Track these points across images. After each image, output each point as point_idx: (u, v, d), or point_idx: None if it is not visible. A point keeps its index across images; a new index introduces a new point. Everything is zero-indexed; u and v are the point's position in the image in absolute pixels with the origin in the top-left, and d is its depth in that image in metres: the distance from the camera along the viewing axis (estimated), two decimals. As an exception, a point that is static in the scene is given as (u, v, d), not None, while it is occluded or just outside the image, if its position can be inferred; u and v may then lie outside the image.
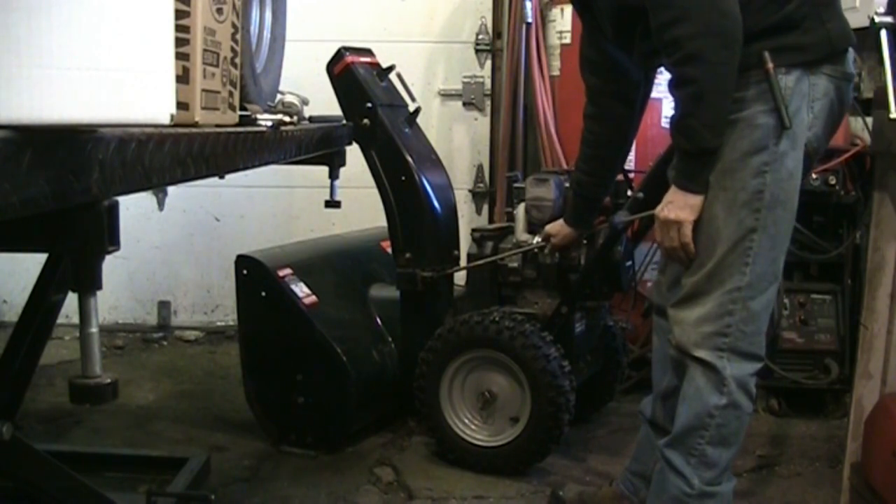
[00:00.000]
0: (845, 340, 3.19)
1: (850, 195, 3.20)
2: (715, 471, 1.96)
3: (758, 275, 1.90)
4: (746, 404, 1.95)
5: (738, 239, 1.88)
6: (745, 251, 1.89)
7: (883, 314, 2.23)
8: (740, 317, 1.91)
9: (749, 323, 1.92)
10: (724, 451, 1.96)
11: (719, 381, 1.92)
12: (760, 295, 1.92)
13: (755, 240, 1.88)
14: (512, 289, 2.86)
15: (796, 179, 1.91)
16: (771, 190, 1.87)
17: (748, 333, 1.92)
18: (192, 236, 4.31)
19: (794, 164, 1.89)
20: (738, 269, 1.89)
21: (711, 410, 1.93)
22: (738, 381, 1.93)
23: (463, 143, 4.27)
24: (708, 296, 1.92)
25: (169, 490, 2.24)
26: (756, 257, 1.89)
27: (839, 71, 1.93)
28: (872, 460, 2.23)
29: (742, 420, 1.96)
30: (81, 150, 1.09)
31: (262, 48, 2.40)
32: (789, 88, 1.85)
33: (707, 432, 1.95)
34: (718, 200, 1.89)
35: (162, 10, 1.19)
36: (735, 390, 1.92)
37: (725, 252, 1.89)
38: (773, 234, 1.90)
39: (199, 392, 3.47)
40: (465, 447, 2.72)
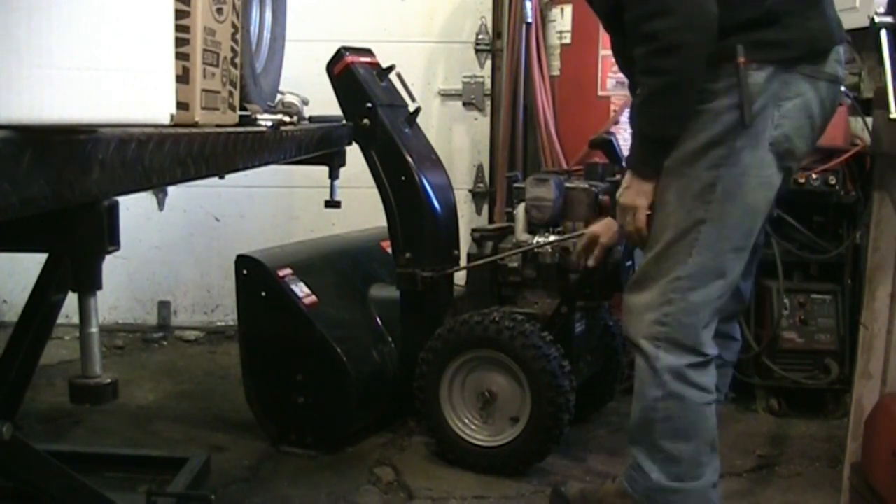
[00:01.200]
0: (845, 340, 3.19)
1: (850, 195, 3.20)
2: (679, 466, 1.92)
3: (700, 266, 1.89)
4: (693, 395, 1.91)
5: (685, 228, 1.89)
6: (692, 241, 1.89)
7: (883, 314, 2.23)
8: (679, 307, 1.90)
9: (688, 314, 1.90)
10: (682, 445, 1.92)
11: (654, 372, 1.91)
12: (702, 287, 1.90)
13: (702, 231, 1.88)
14: (512, 289, 2.86)
15: (754, 177, 1.88)
16: (724, 184, 1.86)
17: (686, 325, 1.91)
18: (192, 236, 4.31)
19: (752, 161, 1.87)
20: (682, 259, 1.89)
21: (652, 403, 1.92)
22: (674, 371, 1.89)
23: (463, 143, 4.27)
24: (654, 282, 1.92)
25: (169, 490, 2.24)
26: (701, 249, 1.89)
27: (820, 72, 1.90)
28: (872, 460, 2.23)
29: (693, 412, 1.91)
30: (81, 150, 1.09)
31: (262, 48, 2.40)
32: (758, 85, 1.84)
33: (656, 426, 1.92)
34: (673, 188, 1.90)
35: (162, 10, 1.19)
36: (670, 381, 1.89)
37: (672, 239, 1.90)
38: (721, 228, 1.89)
39: (199, 392, 3.47)
40: (465, 447, 2.72)
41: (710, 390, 1.94)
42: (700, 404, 1.92)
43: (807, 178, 3.16)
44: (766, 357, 3.22)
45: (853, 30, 3.22)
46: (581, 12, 3.38)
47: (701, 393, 1.92)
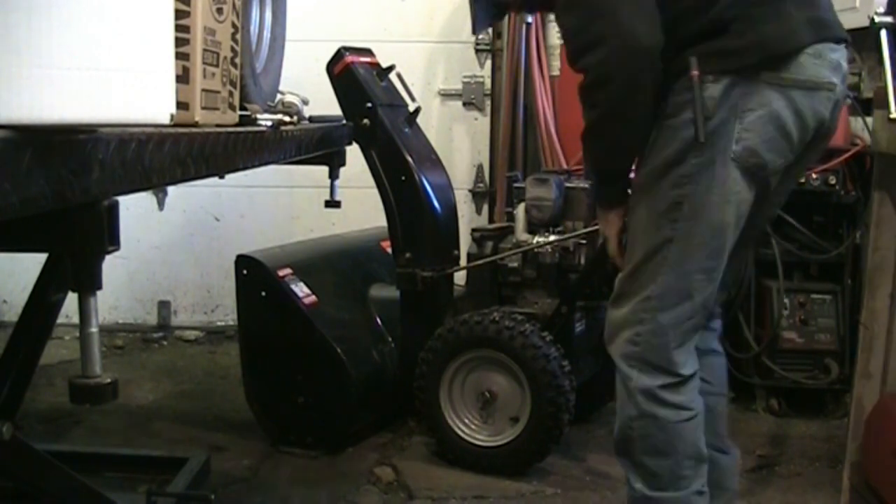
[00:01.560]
0: (845, 340, 3.19)
1: (850, 195, 3.21)
2: (661, 479, 1.89)
3: (667, 287, 1.82)
4: (667, 414, 1.86)
5: (654, 246, 1.82)
6: (661, 260, 1.82)
7: (883, 314, 2.23)
8: (649, 327, 1.84)
9: (657, 335, 1.85)
10: (661, 460, 1.88)
11: (628, 392, 1.88)
12: (670, 309, 1.83)
13: (670, 250, 1.81)
14: (512, 289, 2.86)
15: (719, 194, 1.77)
16: (689, 202, 1.78)
17: (656, 346, 1.85)
18: (192, 236, 4.31)
19: (715, 178, 1.76)
20: (651, 278, 1.83)
21: (629, 422, 1.89)
22: (646, 392, 1.85)
23: (463, 143, 4.27)
24: (628, 300, 1.88)
25: (169, 490, 2.24)
26: (668, 269, 1.82)
27: (788, 78, 1.75)
28: (872, 460, 2.23)
29: (668, 430, 1.86)
30: (81, 150, 1.09)
31: (262, 48, 2.40)
32: (714, 99, 1.72)
33: (635, 443, 1.89)
34: (643, 204, 1.85)
35: (162, 10, 1.19)
36: (643, 402, 1.85)
37: (642, 258, 1.84)
38: (688, 248, 1.81)
39: (199, 392, 3.47)
40: (465, 447, 2.72)
41: (688, 407, 1.88)
42: (675, 423, 1.87)
43: (807, 178, 3.16)
44: (766, 357, 3.22)
45: (853, 30, 3.22)
46: (581, 12, 3.38)
47: (676, 411, 1.87)
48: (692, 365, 1.89)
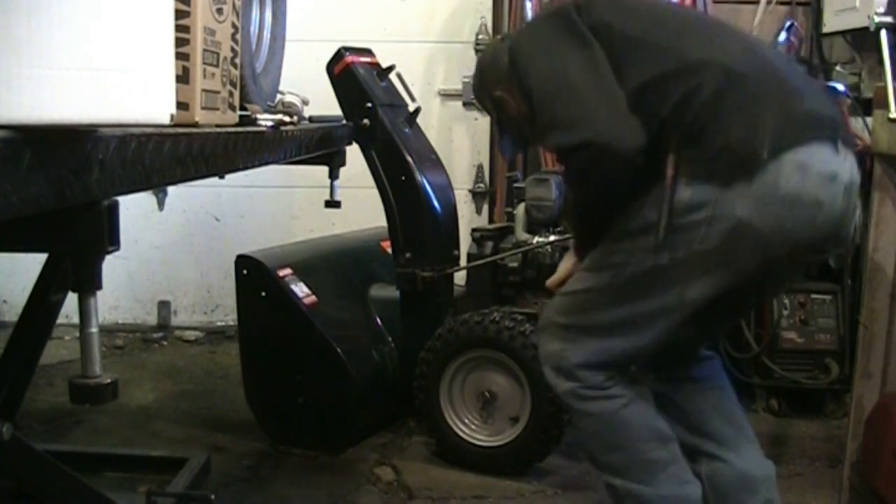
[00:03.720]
0: (845, 340, 3.19)
1: (851, 195, 3.20)
2: (629, 471, 1.88)
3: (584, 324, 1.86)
4: (600, 408, 1.85)
5: (593, 286, 1.85)
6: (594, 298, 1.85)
7: (883, 314, 2.23)
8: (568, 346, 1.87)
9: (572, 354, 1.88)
10: (620, 453, 1.87)
11: (559, 398, 1.92)
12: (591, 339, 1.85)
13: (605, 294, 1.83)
14: (512, 289, 2.86)
15: (662, 285, 1.76)
16: (630, 272, 1.78)
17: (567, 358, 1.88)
18: (192, 236, 4.31)
19: (658, 266, 1.74)
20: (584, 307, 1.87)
21: (577, 425, 1.93)
22: (570, 394, 1.87)
23: (463, 143, 4.26)
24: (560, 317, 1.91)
25: (169, 490, 2.24)
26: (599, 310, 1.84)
27: (761, 191, 1.62)
28: (872, 460, 2.23)
29: (610, 423, 1.85)
30: (81, 150, 1.09)
31: (262, 48, 2.40)
32: (682, 203, 1.67)
33: (591, 444, 1.92)
34: (599, 251, 1.86)
35: (162, 10, 1.19)
36: (574, 404, 1.88)
37: (583, 289, 1.87)
38: (617, 298, 1.82)
39: (199, 392, 3.47)
40: (465, 447, 2.72)
41: (618, 395, 1.86)
42: (613, 412, 1.85)
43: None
44: (766, 357, 3.22)
45: (853, 30, 3.23)
46: (581, 12, 3.38)
47: (607, 402, 1.85)
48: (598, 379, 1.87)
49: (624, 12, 1.83)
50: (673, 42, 1.77)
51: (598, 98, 1.71)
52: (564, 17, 1.81)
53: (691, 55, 1.74)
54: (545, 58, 1.82)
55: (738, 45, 1.81)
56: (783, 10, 3.79)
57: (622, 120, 1.69)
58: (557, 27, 1.82)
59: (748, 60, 1.75)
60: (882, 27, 2.18)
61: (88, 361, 1.25)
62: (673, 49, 1.75)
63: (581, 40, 1.77)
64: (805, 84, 1.81)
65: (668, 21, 1.85)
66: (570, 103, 1.72)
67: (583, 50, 1.76)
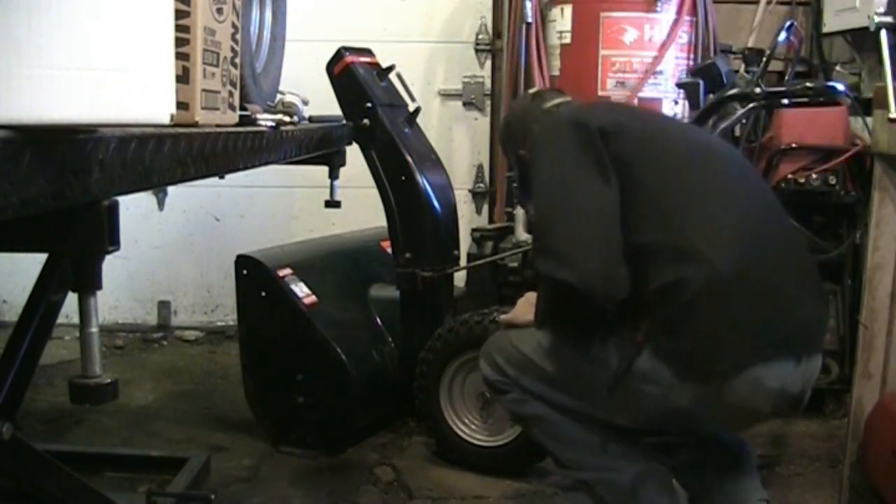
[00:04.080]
0: (845, 340, 3.19)
1: (850, 195, 3.20)
2: (578, 472, 1.96)
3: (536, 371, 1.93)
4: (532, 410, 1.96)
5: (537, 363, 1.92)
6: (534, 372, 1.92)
7: (883, 314, 2.23)
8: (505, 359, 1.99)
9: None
10: (572, 448, 1.95)
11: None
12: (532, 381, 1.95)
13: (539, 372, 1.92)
14: (512, 289, 2.86)
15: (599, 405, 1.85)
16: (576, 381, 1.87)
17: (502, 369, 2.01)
18: (192, 236, 4.31)
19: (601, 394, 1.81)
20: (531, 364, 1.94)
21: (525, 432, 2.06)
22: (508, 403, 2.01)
23: (463, 143, 4.26)
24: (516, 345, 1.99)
25: (169, 490, 2.24)
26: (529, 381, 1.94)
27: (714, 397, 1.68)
28: (872, 460, 2.23)
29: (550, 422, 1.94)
30: (81, 150, 1.09)
31: (262, 48, 2.41)
32: (640, 370, 1.71)
33: (546, 446, 2.02)
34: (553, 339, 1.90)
35: (162, 10, 1.19)
36: (513, 408, 2.02)
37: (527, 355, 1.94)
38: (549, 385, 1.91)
39: (199, 392, 3.47)
40: (465, 447, 2.72)
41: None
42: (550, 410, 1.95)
43: (807, 178, 3.16)
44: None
45: (853, 30, 3.23)
46: (581, 12, 3.39)
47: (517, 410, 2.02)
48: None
49: (647, 154, 1.79)
50: (682, 213, 1.74)
51: (596, 242, 1.70)
52: (591, 140, 1.77)
53: (692, 238, 1.70)
54: (560, 177, 1.79)
55: (746, 223, 1.77)
56: (783, 10, 3.79)
57: (612, 270, 1.68)
58: (583, 146, 1.77)
59: (747, 253, 1.72)
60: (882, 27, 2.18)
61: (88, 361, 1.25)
62: (678, 224, 1.73)
63: (601, 173, 1.74)
64: (797, 283, 1.78)
65: (688, 175, 1.80)
66: (569, 237, 1.71)
67: (598, 184, 1.73)
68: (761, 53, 2.84)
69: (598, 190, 1.73)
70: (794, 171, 3.20)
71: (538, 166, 1.87)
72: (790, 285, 1.76)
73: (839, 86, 2.41)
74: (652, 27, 3.29)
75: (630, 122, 1.85)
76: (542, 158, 1.86)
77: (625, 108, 1.97)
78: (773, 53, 2.64)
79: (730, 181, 1.85)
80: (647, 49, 3.30)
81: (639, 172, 1.75)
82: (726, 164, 1.88)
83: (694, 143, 1.92)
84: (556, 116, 1.99)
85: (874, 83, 2.59)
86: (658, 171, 1.78)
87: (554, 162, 1.82)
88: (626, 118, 1.88)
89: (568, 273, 1.67)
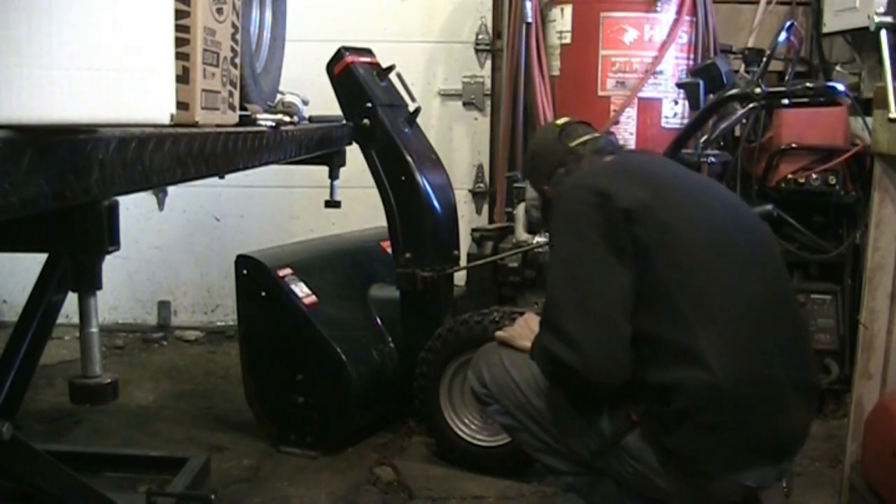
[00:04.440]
0: (845, 340, 3.19)
1: (850, 195, 3.20)
2: (565, 478, 2.02)
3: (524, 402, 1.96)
4: (503, 422, 2.05)
5: (525, 393, 1.95)
6: (518, 402, 1.96)
7: (883, 314, 2.23)
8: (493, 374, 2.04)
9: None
10: (546, 456, 1.99)
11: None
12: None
13: (523, 403, 1.96)
14: (512, 289, 2.86)
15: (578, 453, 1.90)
16: (559, 431, 1.90)
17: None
18: (192, 236, 4.31)
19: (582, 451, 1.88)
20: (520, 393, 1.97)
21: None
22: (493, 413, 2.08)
23: (463, 143, 4.26)
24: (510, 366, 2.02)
25: (169, 490, 2.24)
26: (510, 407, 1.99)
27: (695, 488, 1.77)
28: (872, 460, 2.23)
29: (523, 438, 2.01)
30: (81, 150, 1.09)
31: (262, 48, 2.40)
32: (630, 448, 1.77)
33: (528, 450, 2.06)
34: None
35: (162, 10, 1.19)
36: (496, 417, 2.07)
37: (518, 382, 1.97)
38: (529, 418, 1.96)
39: (199, 392, 3.47)
40: (465, 447, 2.72)
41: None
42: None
43: (807, 178, 3.16)
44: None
45: (853, 30, 3.23)
46: (581, 12, 3.39)
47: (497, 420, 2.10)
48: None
49: (666, 243, 1.76)
50: (691, 311, 1.72)
51: (604, 328, 1.70)
52: (614, 222, 1.75)
53: (696, 339, 1.70)
54: (576, 254, 1.78)
55: (751, 322, 1.77)
56: (783, 10, 3.79)
57: (615, 358, 1.69)
58: (604, 226, 1.75)
59: (747, 361, 1.72)
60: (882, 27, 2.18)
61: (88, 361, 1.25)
62: (686, 322, 1.72)
63: (619, 257, 1.73)
64: (791, 382, 1.78)
65: (703, 272, 1.77)
66: (577, 319, 1.71)
67: (615, 267, 1.73)
68: (761, 53, 2.84)
69: (613, 274, 1.72)
70: (794, 171, 3.20)
71: (557, 237, 1.86)
72: (783, 388, 1.77)
73: (839, 86, 2.41)
74: (652, 27, 3.29)
75: (657, 201, 1.79)
76: (562, 231, 1.84)
77: (654, 176, 1.88)
78: (773, 53, 2.64)
79: (743, 275, 1.82)
80: (647, 49, 3.30)
81: (656, 261, 1.74)
82: (744, 252, 1.85)
83: (716, 226, 1.85)
84: (584, 184, 1.87)
85: (874, 83, 2.60)
86: (674, 264, 1.75)
87: (573, 237, 1.79)
88: (654, 193, 1.81)
89: (570, 356, 1.68)
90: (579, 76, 3.44)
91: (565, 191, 1.90)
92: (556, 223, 1.88)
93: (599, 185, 1.81)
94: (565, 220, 1.84)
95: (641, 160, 2.08)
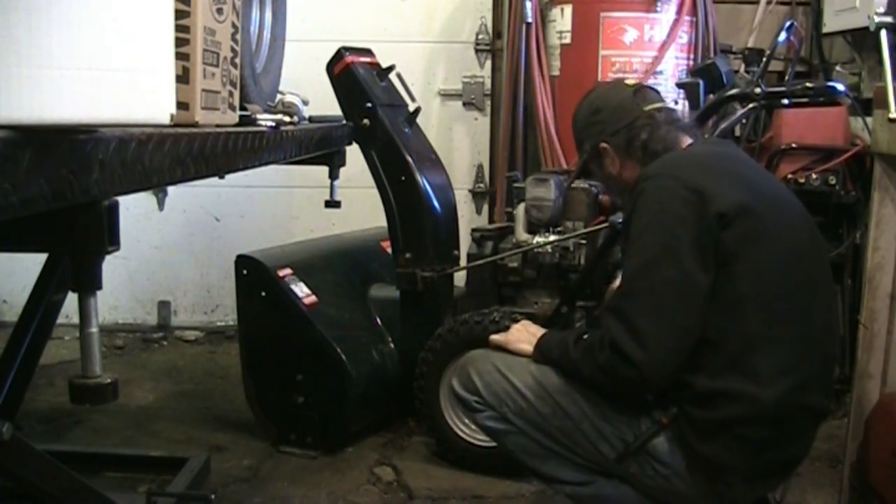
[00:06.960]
0: (845, 340, 3.18)
1: (850, 195, 3.20)
2: (558, 485, 1.99)
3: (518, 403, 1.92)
4: (491, 428, 2.00)
5: (526, 397, 1.91)
6: (516, 407, 1.91)
7: (883, 314, 2.23)
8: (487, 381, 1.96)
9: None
10: (537, 463, 1.97)
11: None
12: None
13: (521, 406, 1.91)
14: (512, 289, 2.86)
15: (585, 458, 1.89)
16: (570, 434, 1.87)
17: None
18: (192, 236, 4.31)
19: (595, 456, 1.86)
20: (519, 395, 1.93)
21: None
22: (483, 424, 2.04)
23: (463, 143, 4.26)
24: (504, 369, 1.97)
25: (169, 490, 2.24)
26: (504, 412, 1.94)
27: (710, 497, 1.81)
28: (872, 460, 2.23)
29: (513, 442, 1.96)
30: (81, 150, 1.09)
31: (262, 48, 2.41)
32: (655, 450, 1.78)
33: (519, 458, 2.03)
34: (556, 378, 1.88)
35: (162, 10, 1.19)
36: (485, 424, 2.01)
37: (517, 385, 1.92)
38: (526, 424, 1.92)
39: (199, 392, 3.47)
40: (465, 447, 2.72)
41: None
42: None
43: (807, 178, 3.16)
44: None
45: (853, 30, 3.23)
46: (581, 12, 3.39)
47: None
48: None
49: (750, 253, 1.74)
50: (758, 326, 1.73)
51: (677, 338, 1.70)
52: (706, 225, 1.72)
53: (756, 354, 1.72)
54: (661, 247, 1.74)
55: (806, 347, 1.79)
56: (783, 10, 3.79)
57: (675, 360, 1.70)
58: (695, 227, 1.72)
59: (793, 387, 1.76)
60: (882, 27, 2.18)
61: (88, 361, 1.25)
62: (750, 335, 1.72)
63: (703, 260, 1.71)
64: (814, 414, 1.87)
65: (777, 288, 1.77)
66: (654, 321, 1.69)
67: (697, 270, 1.70)
68: (761, 53, 2.85)
69: (697, 281, 1.70)
70: (794, 171, 3.20)
71: (646, 227, 1.77)
72: (811, 415, 1.85)
73: (839, 86, 2.41)
74: (652, 27, 3.30)
75: (750, 208, 1.75)
76: (653, 222, 1.76)
77: (745, 177, 1.85)
78: (773, 53, 2.64)
79: (810, 295, 1.84)
80: (647, 49, 3.30)
81: (735, 269, 1.72)
82: (814, 271, 1.87)
83: (796, 238, 1.84)
84: (680, 175, 1.79)
85: (874, 83, 2.60)
86: (753, 275, 1.73)
87: (664, 232, 1.74)
88: (749, 196, 1.77)
89: (637, 352, 1.67)
90: (579, 76, 3.44)
91: (659, 178, 1.80)
92: (646, 211, 1.78)
93: (696, 182, 1.75)
94: (659, 212, 1.76)
95: (728, 154, 1.99)
